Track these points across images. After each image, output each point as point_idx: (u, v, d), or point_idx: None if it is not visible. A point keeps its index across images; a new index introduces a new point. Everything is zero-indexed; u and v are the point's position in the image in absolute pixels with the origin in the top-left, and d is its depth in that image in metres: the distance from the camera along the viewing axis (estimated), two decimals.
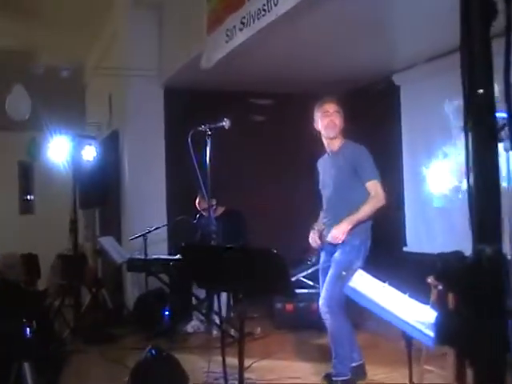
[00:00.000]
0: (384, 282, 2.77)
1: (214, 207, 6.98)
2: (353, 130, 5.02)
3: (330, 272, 4.60)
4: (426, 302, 2.86)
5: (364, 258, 4.63)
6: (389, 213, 4.87)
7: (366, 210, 4.56)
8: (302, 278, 6.85)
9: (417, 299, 2.79)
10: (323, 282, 4.72)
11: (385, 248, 7.30)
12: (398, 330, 2.65)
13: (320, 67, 7.39)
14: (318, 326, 5.35)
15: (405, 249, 7.72)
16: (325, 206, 4.91)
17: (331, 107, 4.76)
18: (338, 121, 4.75)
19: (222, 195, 7.14)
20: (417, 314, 2.43)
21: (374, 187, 4.59)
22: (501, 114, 2.41)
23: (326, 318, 4.60)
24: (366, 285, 2.58)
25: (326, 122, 4.74)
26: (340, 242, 4.52)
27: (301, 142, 8.09)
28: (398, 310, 2.45)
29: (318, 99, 4.94)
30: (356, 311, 4.26)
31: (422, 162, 7.52)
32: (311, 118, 4.93)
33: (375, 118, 7.64)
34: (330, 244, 4.66)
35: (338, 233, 4.51)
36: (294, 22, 5.34)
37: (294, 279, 6.99)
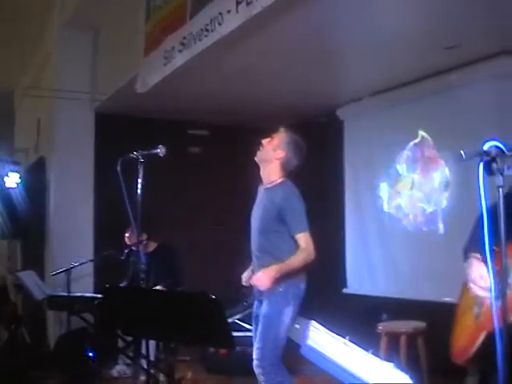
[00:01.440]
0: (344, 337, 2.39)
1: (145, 242, 6.59)
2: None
3: (259, 328, 4.11)
4: (372, 348, 2.51)
5: (297, 303, 4.13)
6: (328, 252, 4.41)
7: (294, 262, 4.07)
8: (236, 321, 6.44)
9: (361, 346, 2.44)
10: (255, 329, 4.24)
11: (324, 289, 6.99)
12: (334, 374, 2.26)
13: (261, 98, 7.12)
14: (253, 372, 4.94)
15: (345, 290, 7.41)
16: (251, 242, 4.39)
17: (269, 138, 4.31)
18: (268, 146, 4.25)
19: (155, 229, 6.75)
20: (384, 378, 2.06)
21: (304, 240, 4.11)
22: (492, 143, 2.09)
23: (261, 379, 4.09)
24: (326, 343, 2.17)
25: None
26: (265, 288, 3.99)
27: (238, 176, 7.81)
28: (365, 374, 2.06)
29: (257, 133, 4.53)
30: (291, 356, 3.90)
31: (364, 200, 7.31)
32: (249, 151, 4.46)
33: (317, 153, 7.35)
34: (258, 290, 4.17)
35: (264, 277, 3.96)
36: (236, 46, 5.07)
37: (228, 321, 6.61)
